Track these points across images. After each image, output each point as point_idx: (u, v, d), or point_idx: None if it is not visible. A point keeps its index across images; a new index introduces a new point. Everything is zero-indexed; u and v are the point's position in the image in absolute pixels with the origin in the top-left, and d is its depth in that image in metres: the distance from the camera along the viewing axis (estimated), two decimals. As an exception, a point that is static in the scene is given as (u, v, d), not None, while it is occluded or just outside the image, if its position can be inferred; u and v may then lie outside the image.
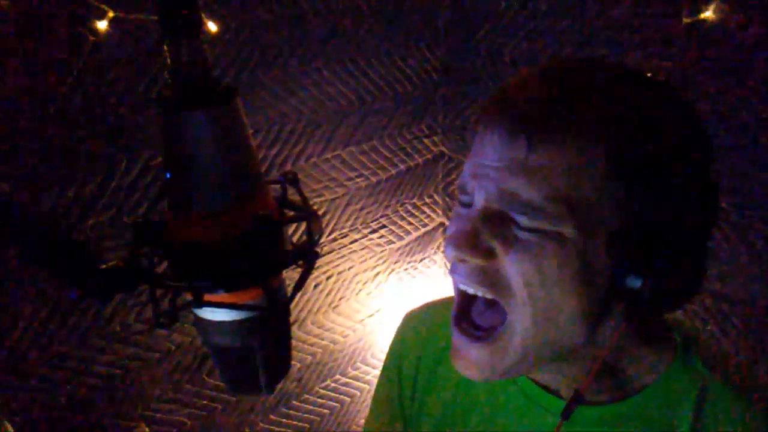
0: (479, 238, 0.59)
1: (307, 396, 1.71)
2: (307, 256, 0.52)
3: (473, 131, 0.64)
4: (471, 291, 0.62)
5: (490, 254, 0.59)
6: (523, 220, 0.58)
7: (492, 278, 0.60)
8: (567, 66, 0.61)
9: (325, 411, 1.78)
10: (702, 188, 0.59)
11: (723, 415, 0.64)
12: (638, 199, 0.56)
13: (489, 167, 0.59)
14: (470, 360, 0.64)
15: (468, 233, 0.59)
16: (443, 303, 0.84)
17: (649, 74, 0.60)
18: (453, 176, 1.82)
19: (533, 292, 0.58)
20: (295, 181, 0.55)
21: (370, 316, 1.80)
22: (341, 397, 1.81)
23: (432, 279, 1.92)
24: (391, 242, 1.78)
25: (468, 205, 0.62)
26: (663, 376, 0.66)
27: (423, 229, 1.87)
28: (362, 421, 1.69)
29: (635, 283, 0.56)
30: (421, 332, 0.86)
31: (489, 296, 0.61)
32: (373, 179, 1.66)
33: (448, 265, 0.64)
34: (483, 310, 0.65)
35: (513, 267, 0.58)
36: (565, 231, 0.56)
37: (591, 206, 0.56)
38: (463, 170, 0.63)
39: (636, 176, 0.56)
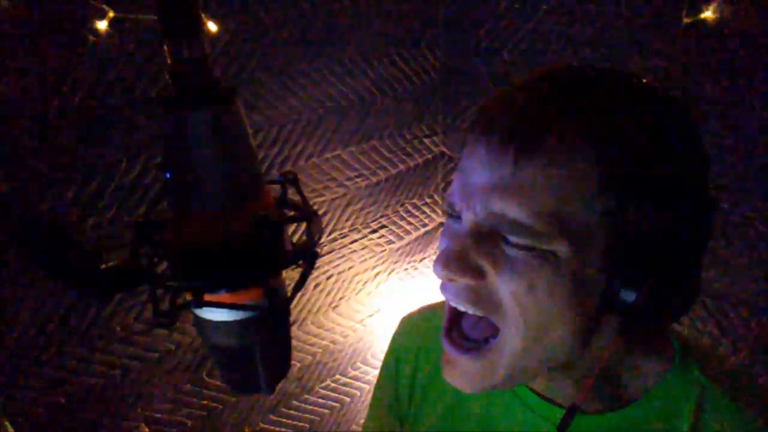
0: (468, 258, 0.58)
1: (307, 396, 1.71)
2: (307, 256, 0.52)
3: (462, 145, 0.63)
4: (462, 309, 0.61)
5: (479, 274, 0.58)
6: (512, 239, 0.56)
7: (482, 297, 0.59)
8: (554, 78, 0.59)
9: (325, 411, 1.78)
10: (697, 201, 0.58)
11: (721, 423, 0.63)
12: (631, 214, 0.55)
13: (476, 186, 0.58)
14: (461, 372, 0.63)
15: (457, 252, 0.58)
16: (439, 306, 0.83)
17: (644, 80, 0.59)
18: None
19: (525, 310, 0.57)
20: (295, 181, 0.55)
21: (370, 316, 1.80)
22: (341, 397, 1.81)
23: (432, 279, 1.91)
24: (391, 242, 1.78)
25: (458, 221, 0.61)
26: (660, 385, 0.65)
27: (423, 229, 1.87)
28: (362, 421, 1.69)
29: (629, 296, 0.55)
30: (417, 336, 0.86)
31: (479, 314, 0.60)
32: (373, 179, 1.66)
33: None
34: (474, 322, 0.64)
35: (503, 287, 0.57)
36: (556, 249, 0.55)
37: (582, 222, 0.55)
38: (452, 186, 0.62)
39: (629, 190, 0.54)
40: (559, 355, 0.61)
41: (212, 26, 1.15)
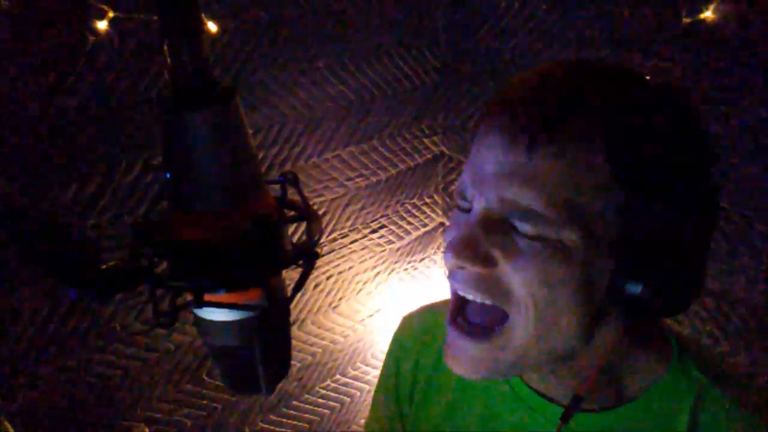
0: (479, 246, 0.58)
1: (307, 396, 1.71)
2: (307, 256, 0.52)
3: (473, 134, 0.63)
4: (470, 297, 0.61)
5: (490, 262, 0.58)
6: (524, 227, 0.57)
7: (492, 286, 0.59)
8: (567, 68, 0.60)
9: (325, 411, 1.78)
10: (703, 193, 0.59)
11: (719, 421, 0.63)
12: (640, 205, 0.55)
13: (488, 174, 0.58)
14: (465, 357, 0.63)
15: (468, 241, 0.58)
16: (440, 305, 0.84)
17: (648, 77, 0.59)
18: (453, 176, 1.82)
19: (535, 299, 0.58)
20: (295, 181, 0.55)
21: (370, 316, 1.80)
22: (341, 397, 1.81)
23: (432, 279, 1.92)
24: (391, 242, 1.78)
25: (467, 211, 0.61)
26: (659, 383, 0.66)
27: (423, 229, 1.87)
28: (362, 421, 1.69)
29: (635, 288, 0.56)
30: (418, 335, 0.86)
31: (488, 302, 0.60)
32: (373, 179, 1.66)
33: (447, 270, 0.64)
34: (479, 310, 0.64)
35: (515, 276, 0.58)
36: (566, 238, 0.56)
37: (593, 212, 0.55)
38: (462, 175, 0.62)
39: (638, 181, 0.55)
40: (563, 347, 0.61)
41: (212, 26, 1.15)
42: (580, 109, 0.55)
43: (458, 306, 0.65)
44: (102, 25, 1.03)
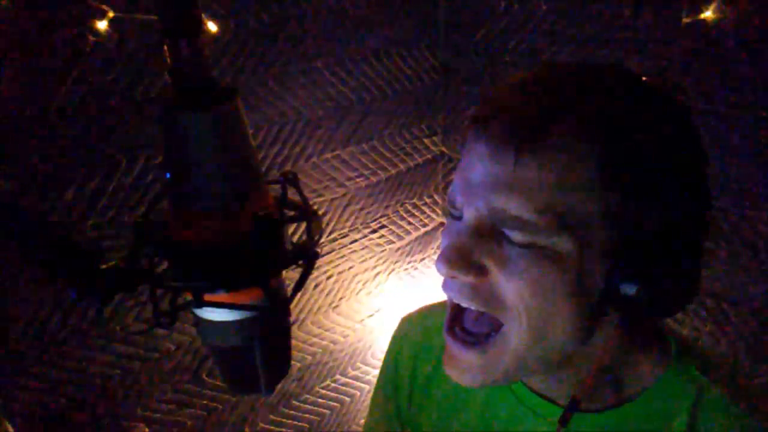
0: (471, 256, 0.58)
1: (307, 396, 1.71)
2: (307, 256, 0.52)
3: (463, 141, 0.63)
4: (464, 305, 0.61)
5: (482, 272, 0.58)
6: (515, 236, 0.56)
7: (485, 294, 0.59)
8: (555, 74, 0.59)
9: (325, 411, 1.78)
10: (696, 195, 0.59)
11: (718, 421, 0.63)
12: (633, 209, 0.55)
13: (476, 182, 0.58)
14: (463, 366, 0.63)
15: (459, 250, 0.58)
16: (439, 306, 0.84)
17: (643, 77, 0.59)
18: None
19: (528, 307, 0.57)
20: (295, 181, 0.55)
21: (370, 316, 1.80)
22: (341, 397, 1.81)
23: (432, 279, 1.92)
24: (391, 242, 1.78)
25: (459, 218, 0.61)
26: (658, 383, 0.66)
27: (423, 229, 1.87)
28: (362, 421, 1.69)
29: (629, 290, 0.55)
30: (417, 336, 0.86)
31: (482, 310, 0.60)
32: (373, 179, 1.66)
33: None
34: (476, 317, 0.64)
35: (507, 285, 0.57)
36: (558, 245, 0.55)
37: (583, 217, 0.55)
38: (453, 183, 0.62)
39: (630, 186, 0.55)
40: (560, 351, 0.61)
41: (212, 26, 1.15)
42: (566, 116, 0.54)
43: (455, 313, 0.65)
44: (102, 25, 1.03)
